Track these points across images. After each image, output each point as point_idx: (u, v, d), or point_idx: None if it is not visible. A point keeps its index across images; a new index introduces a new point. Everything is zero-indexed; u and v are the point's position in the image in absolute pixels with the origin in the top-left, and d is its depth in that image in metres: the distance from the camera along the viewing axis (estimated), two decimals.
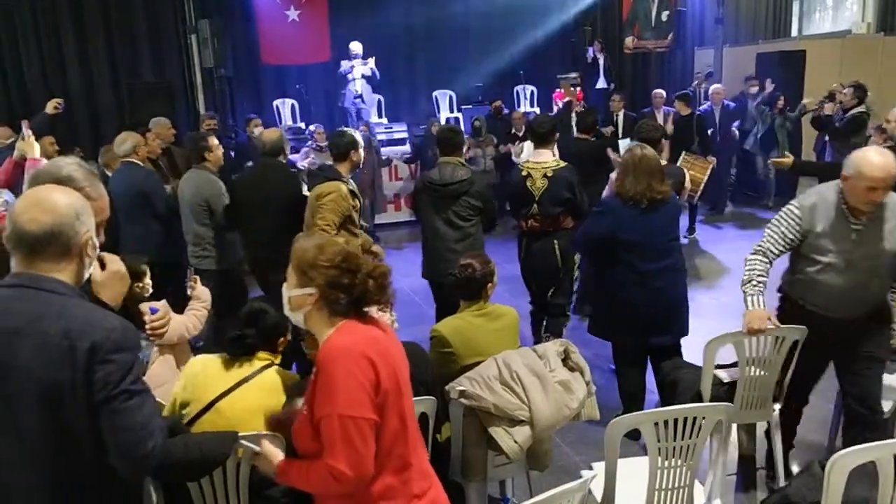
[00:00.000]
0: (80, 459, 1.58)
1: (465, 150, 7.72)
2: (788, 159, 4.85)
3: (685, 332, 3.78)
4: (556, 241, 4.33)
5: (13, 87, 9.08)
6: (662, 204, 3.55)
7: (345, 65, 10.00)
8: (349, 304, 1.79)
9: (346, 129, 4.66)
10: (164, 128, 5.99)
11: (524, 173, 4.31)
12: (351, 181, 4.20)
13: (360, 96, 10.03)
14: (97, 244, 1.73)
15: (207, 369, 2.53)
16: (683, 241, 4.51)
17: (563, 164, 4.37)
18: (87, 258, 1.69)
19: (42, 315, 1.56)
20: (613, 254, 3.66)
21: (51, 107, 5.66)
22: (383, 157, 9.01)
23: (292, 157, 8.21)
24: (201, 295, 3.42)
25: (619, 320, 3.76)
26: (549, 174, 4.25)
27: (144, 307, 2.71)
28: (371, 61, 9.98)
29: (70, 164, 2.09)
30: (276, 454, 1.90)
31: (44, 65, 9.20)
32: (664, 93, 9.14)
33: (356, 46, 10.02)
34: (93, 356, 1.53)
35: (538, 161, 4.34)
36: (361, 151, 4.27)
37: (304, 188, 4.52)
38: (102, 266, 1.88)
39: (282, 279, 1.89)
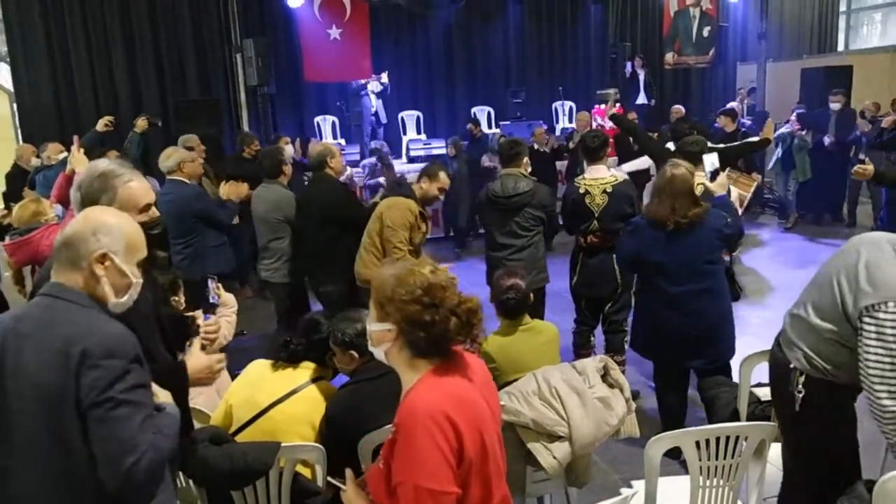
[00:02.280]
0: (77, 467, 1.57)
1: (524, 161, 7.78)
2: (869, 167, 4.41)
3: (727, 356, 3.67)
4: (614, 257, 4.32)
5: (65, 104, 9.40)
6: (693, 227, 3.44)
7: (356, 81, 10.12)
8: (430, 343, 1.61)
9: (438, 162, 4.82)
10: (196, 143, 6.08)
11: (582, 190, 4.30)
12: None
13: (376, 113, 10.13)
14: (128, 272, 1.71)
15: (260, 374, 2.60)
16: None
17: (620, 178, 4.37)
18: (104, 270, 1.67)
19: (52, 322, 1.61)
20: (644, 273, 3.64)
21: (101, 124, 5.76)
22: (398, 175, 9.07)
23: (356, 171, 8.30)
24: (228, 301, 3.45)
25: (653, 340, 3.72)
26: (609, 189, 4.24)
27: (198, 313, 2.77)
28: (383, 76, 10.07)
29: (104, 161, 2.18)
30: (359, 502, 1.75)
31: (94, 82, 9.52)
32: (682, 109, 9.07)
33: None
34: (83, 360, 1.54)
35: (595, 177, 4.33)
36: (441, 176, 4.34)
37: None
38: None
39: (327, 290, 1.90)
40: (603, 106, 10.36)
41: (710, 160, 4.10)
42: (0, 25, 9.41)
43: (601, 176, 4.32)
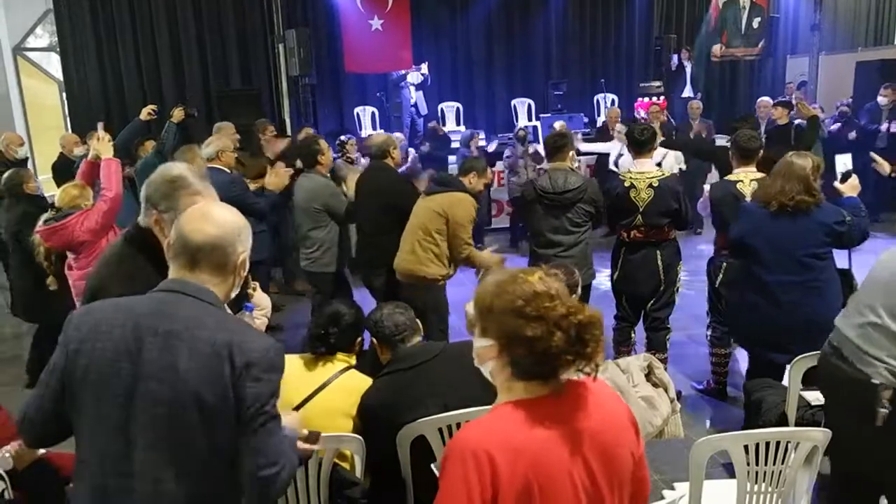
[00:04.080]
0: (221, 472, 1.55)
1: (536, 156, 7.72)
2: (884, 164, 4.40)
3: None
4: (658, 252, 4.22)
5: (112, 94, 9.61)
6: (797, 213, 3.35)
7: (396, 72, 10.09)
8: (534, 363, 1.38)
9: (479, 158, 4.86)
10: (230, 131, 6.06)
11: (627, 184, 4.21)
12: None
13: (416, 105, 10.08)
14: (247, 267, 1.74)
15: (290, 370, 2.58)
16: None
17: (667, 173, 4.28)
18: (238, 277, 1.70)
19: (200, 323, 1.55)
20: (746, 258, 3.57)
21: (145, 113, 5.80)
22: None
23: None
24: (260, 302, 3.36)
25: (747, 329, 3.65)
26: (655, 184, 4.15)
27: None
28: (423, 67, 10.01)
29: (180, 166, 2.17)
30: None
31: (140, 72, 9.70)
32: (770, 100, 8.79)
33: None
34: (247, 372, 1.51)
35: (641, 171, 4.23)
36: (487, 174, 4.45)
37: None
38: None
39: (382, 283, 1.83)
40: (646, 99, 10.18)
41: (843, 160, 3.95)
42: (51, 17, 9.65)
43: (648, 170, 4.22)
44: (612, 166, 7.38)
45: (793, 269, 3.38)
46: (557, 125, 7.93)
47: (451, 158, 8.48)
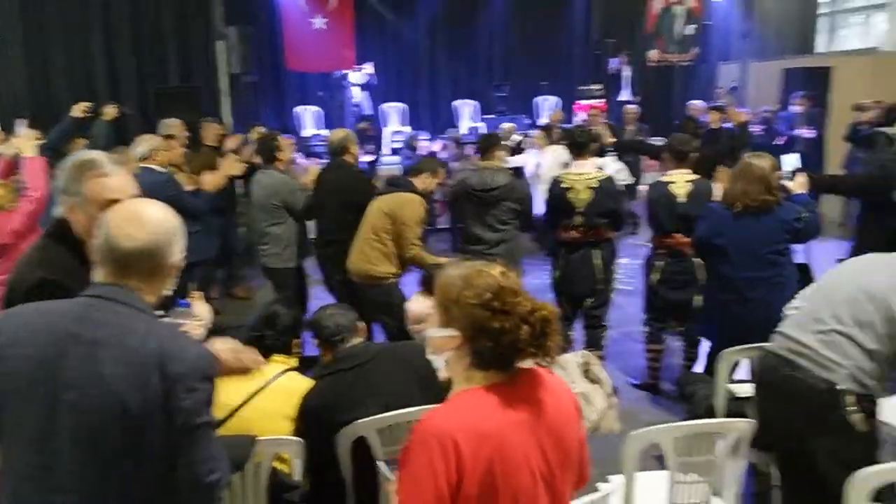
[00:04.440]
0: (151, 482, 1.51)
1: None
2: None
3: None
4: (596, 252, 4.32)
5: (40, 91, 9.22)
6: (760, 213, 3.49)
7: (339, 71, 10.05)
8: (496, 354, 1.45)
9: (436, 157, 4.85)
10: (179, 130, 5.94)
11: (565, 185, 4.30)
12: None
13: (359, 105, 10.03)
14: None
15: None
16: None
17: (606, 174, 4.37)
18: (170, 279, 1.64)
19: (128, 330, 1.50)
20: (712, 258, 3.69)
21: (78, 110, 5.58)
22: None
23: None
24: (199, 312, 3.12)
25: (717, 326, 3.76)
26: (595, 185, 4.25)
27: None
28: (368, 67, 9.96)
29: (93, 153, 2.12)
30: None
31: (71, 67, 9.35)
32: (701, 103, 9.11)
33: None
34: (181, 384, 1.47)
35: (580, 172, 4.32)
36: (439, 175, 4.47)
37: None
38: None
39: (341, 281, 1.81)
40: (586, 101, 10.40)
41: (790, 160, 4.13)
42: None
43: (587, 171, 4.32)
44: (529, 178, 7.35)
45: (758, 267, 3.52)
46: (506, 126, 8.00)
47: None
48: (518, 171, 8.03)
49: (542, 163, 6.79)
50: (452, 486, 1.38)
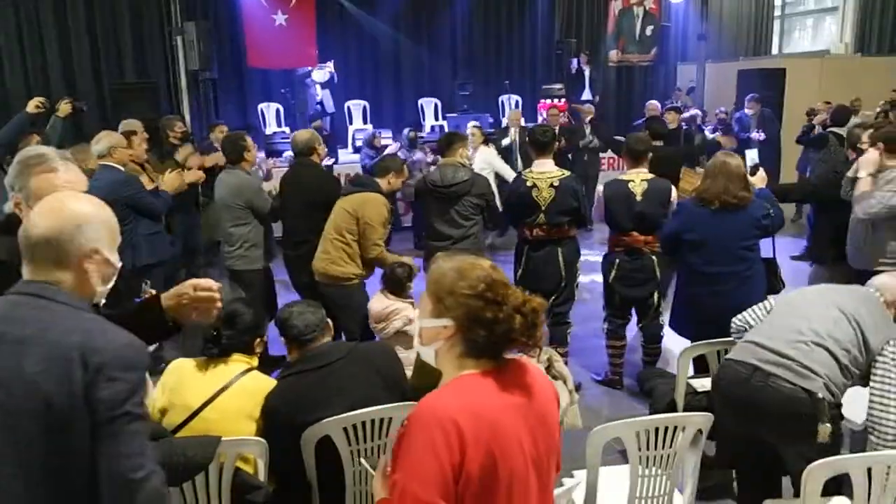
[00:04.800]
0: (78, 479, 1.46)
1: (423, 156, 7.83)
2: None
3: None
4: (559, 250, 4.37)
5: None
6: (737, 209, 3.59)
7: (301, 68, 9.95)
8: (489, 343, 1.49)
9: (396, 156, 4.89)
10: (140, 129, 5.72)
11: (529, 183, 4.33)
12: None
13: (321, 103, 9.95)
14: (113, 261, 1.63)
15: (184, 374, 2.52)
16: None
17: (566, 173, 4.43)
18: (90, 270, 1.57)
19: (50, 325, 1.47)
20: (683, 253, 3.75)
21: (32, 106, 5.38)
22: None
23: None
24: None
25: (687, 318, 3.82)
26: (556, 184, 4.29)
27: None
28: (329, 65, 9.90)
29: (43, 148, 2.09)
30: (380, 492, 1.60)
31: (24, 62, 9.07)
32: (657, 104, 9.26)
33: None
34: (101, 373, 1.43)
35: (542, 171, 4.37)
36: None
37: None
38: None
39: (308, 282, 1.80)
40: (548, 101, 10.49)
41: (751, 155, 4.25)
42: None
43: (548, 170, 4.37)
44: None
45: (731, 261, 3.65)
46: (470, 125, 8.02)
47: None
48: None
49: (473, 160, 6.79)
50: (455, 466, 1.39)
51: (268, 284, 4.84)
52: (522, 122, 8.81)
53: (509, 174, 6.57)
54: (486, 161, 6.82)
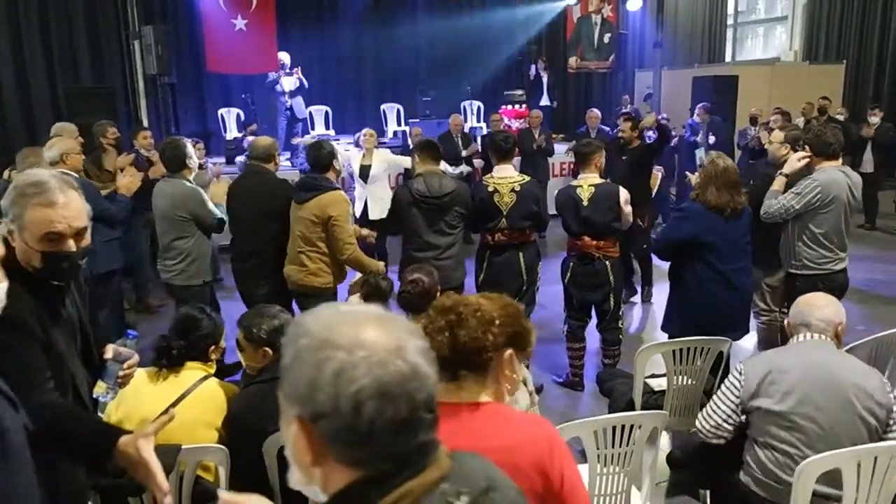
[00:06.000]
0: None
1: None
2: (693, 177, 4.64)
3: (749, 330, 4.04)
4: (521, 254, 4.41)
5: None
6: (741, 212, 3.76)
7: (272, 75, 9.86)
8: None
9: (321, 140, 4.61)
10: (73, 133, 5.59)
11: (491, 188, 4.37)
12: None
13: (291, 109, 9.88)
14: None
15: (139, 385, 2.49)
16: None
17: (527, 178, 4.48)
18: None
19: None
20: (692, 254, 3.81)
21: None
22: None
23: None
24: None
25: (695, 317, 3.83)
26: (517, 188, 4.34)
27: (110, 349, 2.10)
28: (297, 71, 9.85)
29: (44, 174, 1.88)
30: None
31: None
32: (597, 112, 9.42)
33: (283, 56, 9.82)
34: None
35: (503, 176, 4.41)
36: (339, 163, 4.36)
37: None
38: None
39: (265, 295, 1.77)
40: (510, 107, 10.61)
41: (700, 155, 4.38)
42: None
43: (509, 175, 4.43)
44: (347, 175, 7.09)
45: (740, 257, 3.82)
46: (365, 131, 7.96)
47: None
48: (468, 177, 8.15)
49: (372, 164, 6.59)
50: None
51: (210, 300, 4.51)
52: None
53: (408, 163, 6.18)
54: (384, 161, 6.69)
